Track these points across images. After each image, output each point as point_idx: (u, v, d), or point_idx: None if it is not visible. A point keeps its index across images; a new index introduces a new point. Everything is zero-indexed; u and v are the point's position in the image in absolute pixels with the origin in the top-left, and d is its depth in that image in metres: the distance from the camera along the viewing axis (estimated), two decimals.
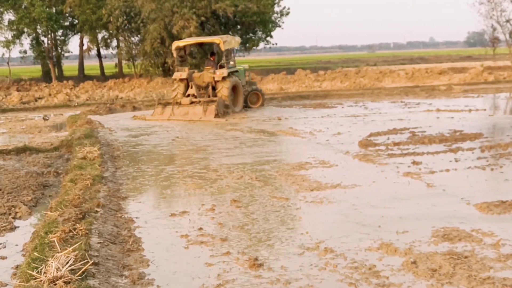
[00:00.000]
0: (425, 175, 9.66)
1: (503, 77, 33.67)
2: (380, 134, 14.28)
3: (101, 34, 43.57)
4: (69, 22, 44.23)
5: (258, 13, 39.89)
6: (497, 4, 37.22)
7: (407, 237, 6.55)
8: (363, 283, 5.31)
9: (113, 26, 38.08)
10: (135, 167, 11.52)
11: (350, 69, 41.79)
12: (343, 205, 8.11)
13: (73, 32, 44.95)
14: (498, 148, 11.63)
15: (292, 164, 11.06)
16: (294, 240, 6.66)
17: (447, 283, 5.20)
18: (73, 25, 44.22)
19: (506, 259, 5.70)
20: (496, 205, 7.58)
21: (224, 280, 5.52)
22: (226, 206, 8.25)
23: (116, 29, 38.56)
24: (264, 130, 16.49)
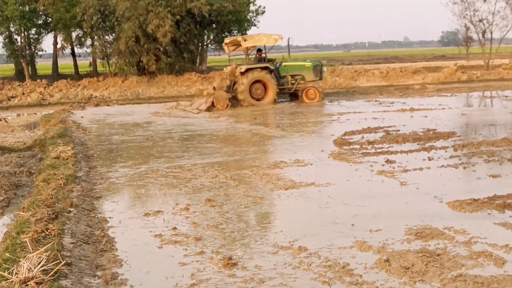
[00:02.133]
0: (399, 173, 9.72)
1: (476, 76, 33.99)
2: (355, 133, 14.34)
3: (75, 32, 43.12)
4: (43, 20, 43.73)
5: (234, 12, 39.85)
6: (470, 4, 37.51)
7: (381, 235, 6.59)
8: (337, 281, 5.32)
9: (87, 24, 37.75)
10: (109, 166, 11.46)
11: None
12: (317, 203, 8.13)
13: (46, 31, 44.46)
14: (470, 146, 11.73)
15: (267, 163, 11.07)
16: (268, 239, 6.67)
17: (419, 280, 5.24)
18: (46, 24, 43.74)
19: (478, 256, 5.75)
20: (468, 203, 7.65)
21: (198, 280, 5.51)
22: (200, 205, 8.23)
23: (90, 27, 38.23)
24: (241, 128, 16.49)
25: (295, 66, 24.32)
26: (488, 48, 38.22)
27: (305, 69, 24.13)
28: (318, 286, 5.24)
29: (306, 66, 24.34)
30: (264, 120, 18.29)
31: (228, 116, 19.93)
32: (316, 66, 24.31)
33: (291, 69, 24.06)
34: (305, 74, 23.93)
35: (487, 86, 29.25)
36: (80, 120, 20.54)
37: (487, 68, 37.09)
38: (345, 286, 5.22)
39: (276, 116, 19.50)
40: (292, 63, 24.68)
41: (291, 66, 24.23)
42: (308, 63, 24.60)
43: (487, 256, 5.73)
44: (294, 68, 24.18)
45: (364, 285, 5.21)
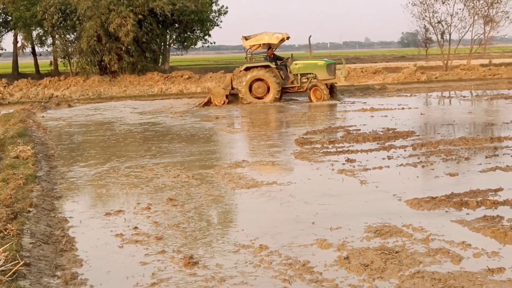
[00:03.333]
0: (359, 172, 9.83)
1: (435, 77, 34.43)
2: (316, 133, 14.45)
3: (35, 31, 42.66)
4: (2, 19, 43.18)
5: (196, 11, 39.79)
6: (429, 5, 37.99)
7: (341, 233, 6.66)
8: (297, 279, 5.38)
9: (48, 23, 37.33)
10: (70, 166, 11.37)
11: None
12: (278, 202, 8.19)
13: (6, 29, 43.90)
14: (429, 146, 11.90)
15: (229, 162, 11.09)
16: (229, 238, 6.70)
17: (378, 278, 5.32)
18: (6, 22, 43.19)
19: (435, 253, 5.85)
20: (426, 201, 7.77)
21: (159, 279, 5.52)
22: (162, 205, 8.22)
23: (51, 26, 37.80)
24: (202, 127, 16.49)
25: (307, 65, 23.83)
26: (447, 49, 38.76)
27: (318, 68, 23.53)
28: (278, 284, 5.29)
29: (318, 64, 23.71)
30: (231, 120, 18.29)
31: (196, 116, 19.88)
32: (330, 65, 23.71)
33: (303, 68, 23.66)
34: (318, 73, 23.35)
35: (445, 87, 29.66)
36: (41, 119, 20.31)
37: (445, 68, 37.60)
38: (305, 283, 5.27)
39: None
40: (304, 61, 24.34)
41: (302, 65, 23.86)
42: (321, 62, 23.95)
43: (444, 253, 5.84)
44: (305, 67, 23.72)
45: (324, 283, 5.27)
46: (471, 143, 12.10)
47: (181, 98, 28.09)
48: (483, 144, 12.03)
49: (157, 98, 28.43)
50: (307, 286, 5.22)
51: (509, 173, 9.38)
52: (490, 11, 38.41)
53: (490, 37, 40.53)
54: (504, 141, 12.34)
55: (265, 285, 5.30)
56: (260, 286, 5.29)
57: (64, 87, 33.53)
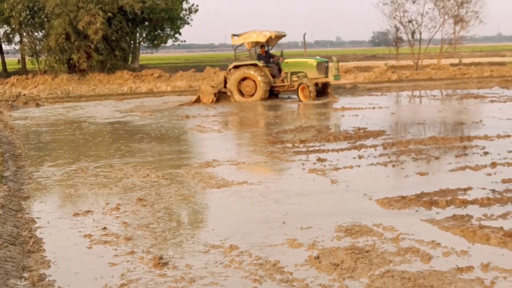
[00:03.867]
0: (330, 171, 9.84)
1: (406, 76, 34.69)
2: (287, 132, 14.46)
3: (2, 29, 42.08)
4: None
5: (166, 10, 39.61)
6: (400, 5, 38.26)
7: (311, 232, 6.65)
8: (267, 279, 5.35)
9: (16, 21, 36.86)
10: (38, 165, 11.22)
11: None
12: (249, 202, 8.15)
13: None
14: (399, 145, 11.96)
15: (200, 162, 11.04)
16: (199, 238, 6.65)
17: (348, 277, 5.31)
18: None
19: (405, 252, 5.86)
20: (396, 200, 7.80)
21: (128, 280, 5.45)
22: (131, 205, 8.14)
23: (18, 24, 37.34)
24: (173, 127, 16.41)
25: (296, 63, 23.65)
26: (417, 48, 39.06)
27: (308, 66, 23.28)
28: (248, 284, 5.25)
29: (308, 63, 23.45)
30: (195, 120, 18.20)
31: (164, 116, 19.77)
32: (321, 63, 23.39)
33: (293, 66, 23.46)
34: (308, 72, 23.06)
35: (416, 86, 29.89)
36: (8, 118, 20.05)
37: (416, 68, 37.90)
38: (276, 283, 5.24)
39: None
40: (294, 59, 24.14)
41: (292, 63, 23.67)
42: (311, 60, 23.61)
43: (414, 252, 5.86)
44: (296, 65, 23.53)
45: (295, 282, 5.24)
46: (441, 142, 12.19)
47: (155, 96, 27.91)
48: (453, 143, 12.12)
49: (126, 97, 28.22)
50: (277, 286, 5.19)
51: (479, 172, 9.45)
52: (460, 11, 38.79)
53: (460, 36, 40.89)
54: (474, 140, 12.45)
55: (235, 286, 5.26)
56: (230, 287, 5.24)
57: (32, 86, 33.14)
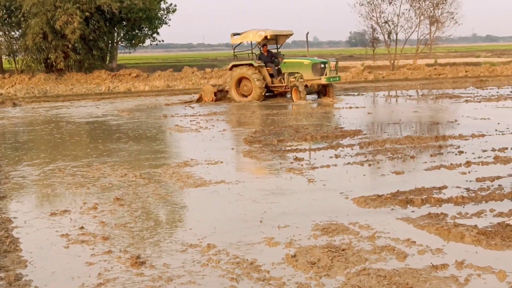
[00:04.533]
0: (307, 171, 9.90)
1: (382, 76, 34.91)
2: (265, 131, 14.49)
3: None
4: None
5: (144, 9, 39.42)
6: (376, 5, 38.50)
7: (288, 231, 6.70)
8: (245, 278, 5.38)
9: None
10: (14, 165, 11.15)
11: None
12: (226, 201, 8.19)
13: None
14: (375, 144, 12.06)
15: (178, 161, 11.05)
16: (177, 237, 6.66)
17: (325, 275, 5.36)
18: None
19: (381, 251, 5.93)
20: (372, 199, 7.87)
21: (105, 279, 5.45)
22: (109, 204, 8.13)
23: None
24: (151, 126, 16.39)
25: (293, 63, 23.08)
26: (394, 49, 39.33)
27: (303, 67, 22.59)
28: (226, 283, 5.28)
29: (304, 63, 22.67)
30: (173, 119, 18.18)
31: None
32: (316, 64, 22.47)
33: (290, 66, 22.97)
34: (303, 72, 22.45)
35: (392, 86, 30.10)
36: None
37: (392, 68, 38.16)
38: (253, 282, 5.28)
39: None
40: (291, 60, 23.63)
41: (290, 63, 23.19)
42: (307, 61, 22.75)
43: (390, 250, 5.92)
44: (293, 65, 23.00)
45: (272, 281, 5.28)
46: (417, 141, 12.31)
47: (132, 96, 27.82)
48: (428, 142, 12.25)
49: (104, 96, 28.09)
50: (254, 284, 5.23)
51: (453, 171, 9.57)
52: (435, 12, 39.12)
53: (436, 37, 41.23)
54: (449, 139, 12.59)
55: (212, 284, 5.29)
56: (207, 285, 5.27)
57: (9, 85, 32.89)
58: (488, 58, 55.77)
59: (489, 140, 12.35)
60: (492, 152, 10.93)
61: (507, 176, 8.96)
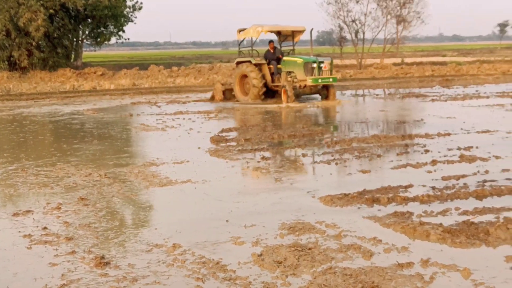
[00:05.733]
0: (274, 169, 9.88)
1: (349, 75, 35.13)
2: (232, 130, 14.46)
3: None
4: None
5: (110, 7, 39.15)
6: (343, 4, 38.76)
7: (255, 230, 6.66)
8: (210, 277, 5.33)
9: None
10: None
11: (204, 66, 42.01)
12: (192, 200, 8.12)
13: None
14: (342, 143, 12.09)
15: (143, 160, 10.96)
16: (142, 237, 6.59)
17: (291, 274, 5.33)
18: None
19: (347, 249, 5.92)
20: (339, 197, 7.88)
21: (69, 280, 5.36)
22: (73, 204, 8.01)
23: None
24: (117, 125, 16.24)
25: (290, 62, 21.78)
26: (361, 48, 39.59)
27: (296, 66, 21.36)
28: (191, 283, 5.23)
29: (297, 62, 21.43)
30: (138, 118, 18.05)
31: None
32: (308, 63, 21.07)
33: (287, 65, 21.76)
34: (297, 72, 21.24)
35: (359, 85, 30.29)
36: None
37: (359, 67, 38.43)
38: (219, 282, 5.23)
39: (146, 112, 19.29)
40: (288, 58, 22.17)
41: (288, 61, 21.91)
42: (300, 59, 21.44)
43: (356, 248, 5.92)
44: (289, 64, 21.74)
45: (238, 280, 5.24)
46: (383, 140, 12.37)
47: (97, 95, 27.54)
48: (395, 141, 12.32)
49: (69, 95, 27.79)
50: (220, 284, 5.18)
51: (419, 170, 9.62)
52: (402, 11, 39.52)
53: (403, 36, 41.65)
54: (415, 138, 12.68)
55: (178, 284, 5.23)
56: (173, 286, 5.21)
57: None
58: (454, 57, 56.56)
59: (455, 139, 12.46)
60: (458, 150, 11.03)
61: (472, 175, 9.04)
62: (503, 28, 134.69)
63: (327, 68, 21.29)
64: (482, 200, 7.68)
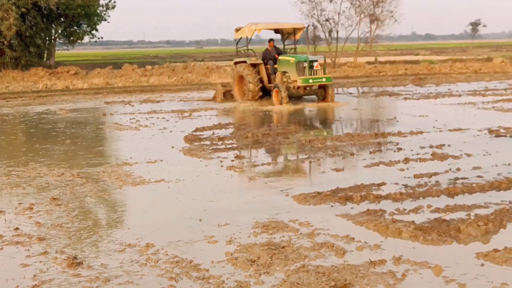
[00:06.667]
0: (248, 168, 9.89)
1: None
2: (206, 129, 14.42)
3: None
4: None
5: (83, 5, 38.93)
6: (317, 3, 38.86)
7: (228, 229, 6.67)
8: (184, 277, 5.33)
9: None
10: None
11: (178, 65, 41.87)
12: (166, 199, 8.11)
13: None
14: (316, 142, 12.13)
15: (117, 160, 10.91)
16: (115, 237, 6.56)
17: (264, 273, 5.35)
18: None
19: (320, 247, 5.95)
20: (312, 196, 7.90)
21: (41, 281, 5.32)
22: (45, 204, 7.95)
23: None
24: (90, 124, 16.13)
25: (284, 61, 20.33)
26: (334, 46, 39.74)
27: (290, 65, 19.96)
28: (164, 283, 5.22)
29: (290, 62, 19.98)
30: (112, 117, 17.94)
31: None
32: (300, 63, 19.73)
33: (283, 64, 20.35)
34: (290, 72, 19.85)
35: (333, 84, 30.26)
36: None
37: (333, 66, 38.52)
38: (192, 281, 5.23)
39: (120, 111, 19.19)
40: (282, 57, 20.67)
41: (283, 60, 20.46)
42: (292, 58, 20.00)
43: (329, 247, 5.95)
44: (284, 63, 20.32)
45: (211, 279, 5.24)
46: (357, 139, 12.44)
47: (71, 94, 27.33)
48: (368, 140, 12.40)
49: (42, 94, 27.52)
50: (193, 283, 5.18)
51: (392, 168, 9.69)
52: (375, 10, 39.75)
53: (376, 35, 41.89)
54: (388, 137, 12.76)
55: (151, 284, 5.22)
56: (146, 285, 5.20)
57: None
58: (427, 56, 57.02)
59: (427, 137, 12.57)
60: (430, 148, 11.12)
61: (444, 172, 9.13)
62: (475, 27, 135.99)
63: (319, 67, 20.05)
64: (453, 198, 7.76)
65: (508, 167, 9.42)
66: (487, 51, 66.07)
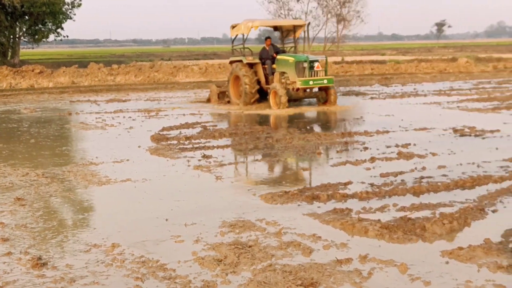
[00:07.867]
0: (215, 168, 9.86)
1: None
2: (173, 129, 14.36)
3: None
4: None
5: (48, 4, 38.48)
6: (284, 3, 39.05)
7: (195, 229, 6.65)
8: (150, 277, 5.29)
9: None
10: None
11: (145, 63, 41.59)
12: (132, 199, 8.06)
13: None
14: (283, 141, 12.15)
15: (82, 160, 10.80)
16: (80, 237, 6.49)
17: (231, 272, 5.34)
18: None
19: (287, 246, 5.96)
20: (280, 195, 7.92)
21: (4, 282, 5.24)
22: (9, 204, 7.83)
23: None
24: (55, 124, 15.96)
25: (283, 61, 18.91)
26: (301, 46, 39.85)
27: (289, 66, 18.56)
28: (131, 283, 5.18)
29: (289, 61, 18.59)
30: (77, 117, 17.77)
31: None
32: (299, 63, 18.38)
33: (281, 64, 18.95)
34: (289, 72, 18.49)
35: None
36: None
37: None
38: (158, 281, 5.20)
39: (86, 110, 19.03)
40: (281, 56, 19.23)
41: (280, 60, 19.07)
42: (292, 58, 18.65)
43: (296, 245, 5.96)
44: (282, 63, 18.92)
45: (177, 279, 5.22)
46: (324, 138, 12.49)
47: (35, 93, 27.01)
48: (335, 139, 12.46)
49: (5, 93, 27.15)
50: (160, 283, 5.15)
51: (358, 167, 9.75)
52: (342, 10, 40.04)
53: (343, 35, 42.19)
54: (355, 136, 12.84)
55: (117, 284, 5.17)
56: (111, 286, 5.15)
57: None
58: (393, 56, 57.41)
59: (393, 136, 12.67)
60: (396, 148, 11.21)
61: (410, 171, 9.21)
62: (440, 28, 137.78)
63: (320, 68, 18.67)
64: (419, 196, 7.84)
65: (472, 166, 9.53)
66: (452, 52, 66.88)
